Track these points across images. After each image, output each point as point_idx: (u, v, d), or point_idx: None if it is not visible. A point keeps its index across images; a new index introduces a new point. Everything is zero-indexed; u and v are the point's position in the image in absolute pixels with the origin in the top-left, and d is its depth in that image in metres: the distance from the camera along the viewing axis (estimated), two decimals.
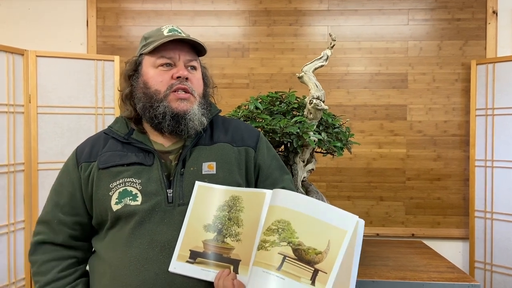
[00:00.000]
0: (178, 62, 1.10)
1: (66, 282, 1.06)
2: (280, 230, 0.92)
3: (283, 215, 0.94)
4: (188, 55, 1.11)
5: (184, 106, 1.07)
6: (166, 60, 1.09)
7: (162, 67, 1.09)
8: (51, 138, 2.15)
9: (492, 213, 2.26)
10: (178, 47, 1.10)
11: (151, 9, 2.47)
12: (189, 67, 1.12)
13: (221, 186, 1.05)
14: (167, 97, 1.07)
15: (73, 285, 1.06)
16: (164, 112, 1.06)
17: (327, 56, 1.63)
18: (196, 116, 1.08)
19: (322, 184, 2.44)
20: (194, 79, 1.12)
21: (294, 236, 0.91)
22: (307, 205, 0.94)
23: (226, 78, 2.45)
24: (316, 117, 1.58)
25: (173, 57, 1.09)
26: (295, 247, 0.90)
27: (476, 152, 2.32)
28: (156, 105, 1.07)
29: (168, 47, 1.09)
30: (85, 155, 1.11)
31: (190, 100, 1.09)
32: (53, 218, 1.10)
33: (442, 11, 2.41)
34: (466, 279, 1.59)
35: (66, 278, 1.07)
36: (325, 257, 0.88)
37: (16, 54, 2.05)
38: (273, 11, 2.45)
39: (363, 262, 1.79)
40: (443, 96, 2.41)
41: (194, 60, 1.13)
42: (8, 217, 2.00)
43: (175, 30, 1.13)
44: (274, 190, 1.00)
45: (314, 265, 0.88)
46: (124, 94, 1.14)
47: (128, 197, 1.03)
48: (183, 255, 0.98)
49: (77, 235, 1.11)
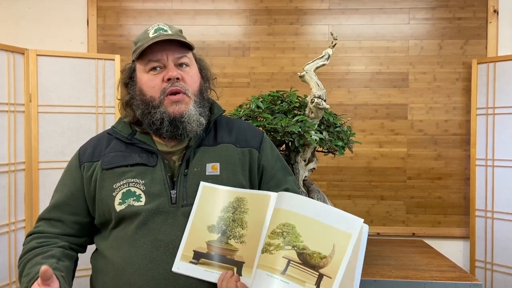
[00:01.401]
0: (167, 62, 1.07)
1: (44, 250, 1.03)
2: (285, 233, 0.92)
3: (288, 218, 0.93)
4: (176, 52, 1.08)
5: (180, 109, 1.06)
6: (155, 64, 1.07)
7: (152, 71, 1.08)
8: (51, 137, 2.15)
9: (492, 212, 2.26)
10: (165, 47, 1.07)
11: (152, 8, 2.47)
12: (180, 65, 1.09)
13: (226, 187, 1.05)
14: (162, 102, 1.06)
15: (51, 253, 1.03)
16: (162, 118, 1.06)
17: (328, 55, 1.62)
18: (193, 118, 1.07)
19: (323, 183, 2.44)
20: (187, 77, 1.09)
21: (298, 240, 0.91)
22: (312, 208, 0.93)
23: (226, 77, 2.45)
24: (317, 116, 1.58)
25: (161, 59, 1.07)
26: (300, 251, 0.90)
27: (477, 151, 2.32)
28: (153, 111, 1.07)
29: (155, 49, 1.06)
30: (87, 155, 1.11)
31: (185, 101, 1.07)
32: (53, 216, 1.10)
33: (443, 10, 2.41)
34: (468, 278, 1.59)
35: (44, 247, 1.05)
36: (330, 262, 0.88)
37: (16, 53, 2.04)
38: (274, 10, 2.45)
39: (365, 261, 1.77)
40: (444, 95, 2.41)
41: (184, 56, 1.10)
42: (8, 216, 2.00)
43: (161, 28, 1.10)
44: (279, 193, 1.00)
45: (319, 269, 0.88)
46: (124, 101, 1.14)
47: (132, 198, 1.03)
48: (186, 255, 0.98)
49: (74, 233, 1.11)
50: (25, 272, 0.98)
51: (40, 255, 1.01)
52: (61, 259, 1.03)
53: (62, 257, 1.03)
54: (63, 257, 1.04)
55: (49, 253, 1.02)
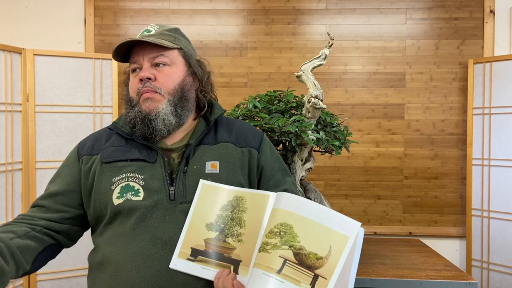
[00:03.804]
0: (143, 63, 1.09)
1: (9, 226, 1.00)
2: (282, 233, 0.93)
3: (286, 218, 0.94)
4: (151, 53, 1.08)
5: (150, 106, 1.07)
6: (134, 65, 1.10)
7: (133, 73, 1.11)
8: (48, 137, 2.15)
9: (489, 211, 2.27)
10: (143, 48, 1.08)
11: (149, 8, 2.47)
12: (157, 65, 1.09)
13: (225, 186, 1.05)
14: (138, 102, 1.08)
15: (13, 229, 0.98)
16: (136, 116, 1.08)
17: (325, 55, 1.63)
18: (161, 115, 1.06)
19: (320, 183, 2.44)
20: (161, 75, 1.08)
21: (296, 240, 0.91)
22: (310, 209, 0.94)
23: (224, 77, 2.45)
24: (314, 116, 1.59)
25: (137, 60, 1.09)
26: (296, 251, 0.90)
27: (473, 151, 2.33)
28: (130, 111, 1.10)
29: (135, 51, 1.09)
30: (87, 149, 1.12)
31: (156, 99, 1.07)
32: (44, 204, 1.08)
33: (439, 10, 2.42)
34: (463, 277, 1.59)
35: (14, 224, 1.01)
36: (325, 263, 0.88)
37: (14, 52, 2.04)
38: (271, 10, 2.45)
39: (361, 260, 1.80)
40: (440, 95, 2.42)
41: (160, 55, 1.09)
42: (6, 215, 2.00)
43: (147, 30, 1.12)
44: (278, 193, 1.00)
45: (315, 270, 0.88)
46: (124, 101, 1.17)
47: (130, 192, 1.03)
48: (184, 252, 0.98)
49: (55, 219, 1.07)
50: None
51: (2, 227, 0.98)
52: (22, 237, 0.97)
53: (23, 236, 0.98)
54: (24, 236, 0.98)
55: (11, 228, 0.99)
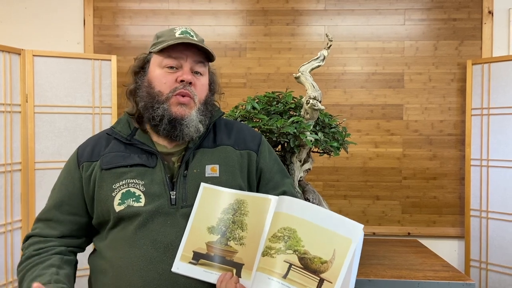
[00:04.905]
0: (185, 65, 1.09)
1: (42, 259, 1.03)
2: (286, 237, 0.93)
3: (289, 222, 0.94)
4: (195, 59, 1.10)
5: (183, 111, 1.07)
6: (173, 62, 1.09)
7: (168, 68, 1.09)
8: (48, 137, 2.15)
9: (487, 212, 2.28)
10: (186, 51, 1.09)
11: (148, 9, 2.47)
12: (195, 72, 1.11)
13: (226, 189, 1.05)
14: (168, 99, 1.07)
15: (50, 262, 1.02)
16: (163, 115, 1.06)
17: (324, 57, 1.63)
18: (193, 123, 1.08)
19: (318, 184, 2.45)
20: (198, 85, 1.11)
21: (300, 245, 0.92)
22: (312, 213, 0.94)
23: (223, 78, 2.46)
24: (313, 117, 1.59)
25: (180, 60, 1.09)
26: (301, 256, 0.91)
27: (471, 152, 2.34)
28: (156, 106, 1.07)
29: (177, 49, 1.08)
30: (86, 155, 1.11)
31: (190, 106, 1.08)
32: (51, 217, 1.10)
33: (438, 11, 2.42)
34: (461, 278, 1.60)
35: (42, 255, 1.04)
36: (330, 267, 0.89)
37: (13, 53, 2.05)
38: (270, 10, 2.46)
39: (360, 261, 1.79)
40: (439, 96, 2.43)
41: (201, 64, 1.12)
42: (5, 216, 2.00)
43: (187, 32, 1.12)
44: (280, 197, 1.00)
45: (320, 274, 0.89)
46: (129, 90, 1.15)
47: (131, 198, 1.03)
48: (186, 255, 0.98)
49: (72, 234, 1.10)
50: (25, 285, 0.98)
51: (39, 265, 1.01)
52: (61, 267, 1.02)
53: (61, 265, 1.03)
54: (62, 264, 1.03)
55: (48, 263, 1.02)
